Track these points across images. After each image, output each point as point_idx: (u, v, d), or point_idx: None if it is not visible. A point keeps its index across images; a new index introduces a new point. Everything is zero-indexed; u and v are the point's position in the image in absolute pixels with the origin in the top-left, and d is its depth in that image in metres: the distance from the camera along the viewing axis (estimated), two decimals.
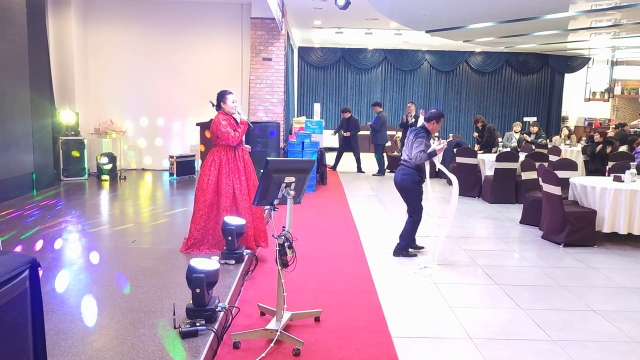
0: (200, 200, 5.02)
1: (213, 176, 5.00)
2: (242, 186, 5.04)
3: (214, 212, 5.03)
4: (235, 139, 5.00)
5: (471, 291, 4.76)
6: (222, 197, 4.99)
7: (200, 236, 5.05)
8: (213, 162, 5.02)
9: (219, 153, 5.05)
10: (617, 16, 9.73)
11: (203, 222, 5.03)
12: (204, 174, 5.03)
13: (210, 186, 4.99)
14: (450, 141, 11.57)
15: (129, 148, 10.66)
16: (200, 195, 5.02)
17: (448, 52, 17.35)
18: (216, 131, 4.99)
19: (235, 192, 5.02)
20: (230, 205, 5.01)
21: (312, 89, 17.60)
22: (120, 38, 10.39)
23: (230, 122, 5.03)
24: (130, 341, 3.21)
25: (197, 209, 5.04)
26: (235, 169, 5.05)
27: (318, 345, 3.49)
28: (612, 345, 3.67)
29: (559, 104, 18.30)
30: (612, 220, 6.14)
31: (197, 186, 5.07)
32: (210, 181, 4.99)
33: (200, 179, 5.05)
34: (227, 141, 4.99)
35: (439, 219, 6.48)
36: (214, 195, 5.01)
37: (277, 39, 10.26)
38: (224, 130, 4.95)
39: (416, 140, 5.33)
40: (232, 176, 5.02)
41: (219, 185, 5.00)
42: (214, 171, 5.00)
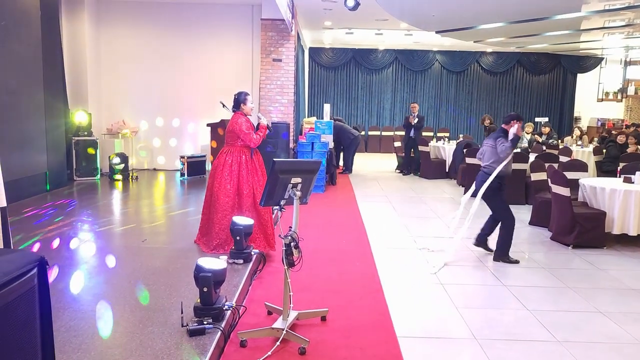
0: (223, 200, 5.01)
1: (234, 177, 5.02)
2: (260, 187, 5.05)
3: (235, 213, 5.03)
4: (257, 141, 5.05)
5: (478, 292, 4.77)
6: (244, 197, 5.03)
7: (225, 236, 5.04)
8: (233, 163, 5.04)
9: (238, 154, 5.06)
10: (630, 16, 9.63)
11: (226, 222, 5.00)
12: (222, 174, 5.01)
13: (234, 187, 5.02)
14: (460, 142, 11.55)
15: (141, 148, 10.79)
16: (223, 196, 5.00)
17: (459, 53, 17.28)
18: (238, 131, 5.01)
19: (256, 192, 5.05)
20: (250, 206, 5.05)
21: (322, 89, 17.64)
22: (133, 39, 10.51)
23: (248, 123, 5.07)
24: (139, 338, 3.27)
25: (220, 210, 5.02)
26: (254, 169, 5.11)
27: (324, 344, 3.53)
28: (618, 347, 3.66)
29: (572, 105, 18.14)
30: (621, 222, 6.10)
31: (219, 187, 5.02)
32: (233, 181, 5.01)
33: (220, 179, 5.02)
34: (249, 142, 5.02)
35: (452, 220, 6.50)
36: (235, 196, 5.04)
37: (287, 39, 10.32)
38: (246, 131, 4.98)
39: (497, 141, 5.50)
40: (251, 177, 5.07)
41: (240, 186, 5.04)
42: (235, 171, 5.02)
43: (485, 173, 5.61)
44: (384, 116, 17.78)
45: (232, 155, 5.08)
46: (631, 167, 7.13)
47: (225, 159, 5.09)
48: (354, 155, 12.17)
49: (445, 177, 11.63)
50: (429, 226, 7.17)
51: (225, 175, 5.04)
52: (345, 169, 12.11)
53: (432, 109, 17.56)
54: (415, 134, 11.69)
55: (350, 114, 17.69)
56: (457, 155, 11.12)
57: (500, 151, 5.42)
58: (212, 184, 5.12)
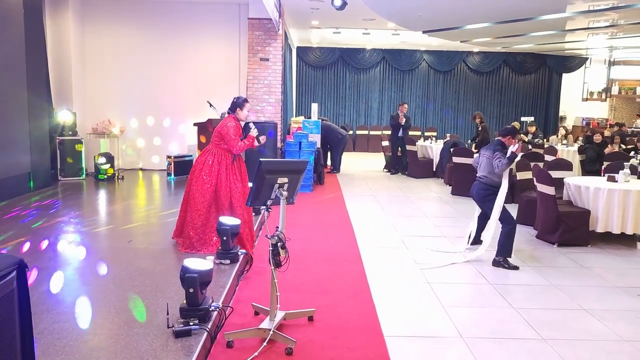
0: (199, 199, 5.01)
1: (213, 178, 5.00)
2: (238, 192, 5.06)
3: (212, 214, 5.04)
4: (240, 149, 5.01)
5: (464, 290, 4.80)
6: (222, 199, 5.02)
7: (197, 236, 5.06)
8: (214, 163, 5.02)
9: (219, 156, 5.05)
10: (614, 16, 9.76)
11: (201, 222, 5.03)
12: (202, 173, 5.01)
13: (212, 186, 5.00)
14: (448, 141, 11.62)
15: (127, 148, 10.69)
16: (199, 196, 5.01)
17: (446, 52, 17.37)
18: (225, 134, 4.98)
19: (232, 195, 5.04)
20: (228, 208, 5.04)
21: (310, 88, 17.63)
22: (118, 38, 10.41)
23: (239, 130, 5.04)
24: (124, 340, 3.24)
25: (194, 208, 5.03)
26: (234, 174, 5.08)
27: (311, 344, 3.53)
28: (602, 344, 3.70)
29: (557, 104, 18.33)
30: (605, 220, 6.18)
31: (196, 186, 5.03)
32: (212, 181, 5.00)
33: (198, 179, 5.02)
34: (232, 148, 5.00)
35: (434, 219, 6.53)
36: (212, 197, 5.03)
37: (275, 39, 10.29)
38: (233, 136, 4.95)
39: (494, 155, 5.47)
40: (230, 182, 5.05)
41: (218, 186, 5.02)
42: (215, 172, 5.01)
43: (482, 183, 5.64)
44: (372, 115, 17.82)
45: (215, 156, 5.06)
46: (615, 166, 7.22)
47: (206, 158, 5.07)
48: (341, 155, 12.18)
49: (433, 176, 11.68)
50: (417, 225, 7.20)
51: (204, 175, 5.02)
52: (333, 168, 12.11)
53: (419, 108, 17.63)
54: (404, 133, 11.75)
55: (338, 113, 17.70)
56: (444, 154, 11.18)
57: (496, 166, 5.39)
58: (190, 182, 5.11)
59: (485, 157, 5.62)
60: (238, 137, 5.00)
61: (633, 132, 15.91)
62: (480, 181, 5.68)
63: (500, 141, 5.59)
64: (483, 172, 5.64)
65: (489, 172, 5.54)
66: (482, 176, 5.65)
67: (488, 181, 5.58)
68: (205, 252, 4.96)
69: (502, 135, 5.62)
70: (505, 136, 5.57)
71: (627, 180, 6.47)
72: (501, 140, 5.59)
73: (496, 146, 5.57)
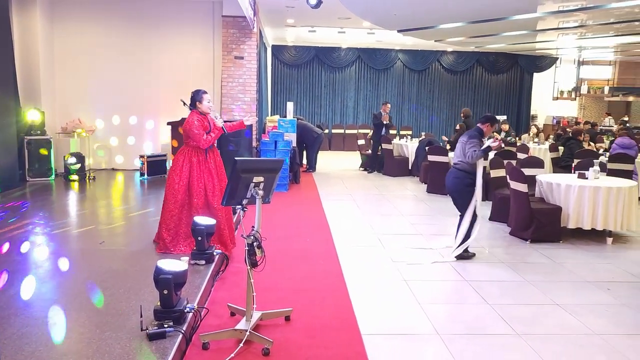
0: (171, 201, 4.98)
1: (184, 176, 4.96)
2: (214, 187, 5.02)
3: (185, 213, 4.99)
4: (207, 142, 4.96)
5: (440, 287, 4.84)
6: (194, 197, 4.96)
7: (170, 237, 5.01)
8: (184, 163, 4.98)
9: (190, 154, 5.01)
10: (583, 17, 9.98)
11: (174, 223, 4.98)
12: (174, 174, 4.98)
13: (182, 187, 4.96)
14: (423, 140, 11.71)
15: (99, 147, 10.47)
16: (171, 196, 4.97)
17: (420, 52, 17.52)
18: (188, 131, 4.94)
19: (207, 192, 5.00)
20: (202, 206, 4.98)
21: (285, 87, 17.57)
22: (89, 35, 10.18)
23: (203, 123, 4.99)
24: (96, 344, 3.16)
25: (167, 209, 5.00)
26: (207, 170, 5.03)
27: (288, 344, 3.50)
28: (574, 338, 3.77)
29: (528, 103, 18.68)
30: (576, 216, 6.31)
31: (168, 186, 5.01)
32: (182, 182, 4.95)
33: (170, 179, 5.00)
34: (198, 143, 4.95)
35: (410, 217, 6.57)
36: (185, 196, 4.98)
37: (249, 37, 10.21)
38: (196, 131, 4.90)
39: (469, 142, 5.45)
40: (204, 177, 5.00)
41: (190, 185, 4.97)
42: (186, 172, 4.97)
43: (457, 169, 5.58)
44: (348, 114, 17.86)
45: (184, 155, 5.02)
46: (585, 163, 7.38)
47: (178, 158, 5.05)
48: (317, 154, 12.17)
49: (408, 174, 11.76)
50: (393, 224, 7.23)
51: (175, 176, 4.98)
52: (308, 167, 12.09)
53: (394, 107, 17.71)
54: (386, 132, 11.82)
55: (314, 112, 17.69)
56: (419, 153, 11.26)
57: (470, 155, 5.38)
58: (165, 184, 5.10)
59: (461, 142, 5.58)
60: (203, 130, 4.95)
61: (601, 130, 16.32)
62: (456, 167, 5.62)
63: (479, 128, 5.58)
64: (458, 158, 5.60)
65: (462, 160, 5.52)
66: (457, 162, 5.61)
67: (463, 167, 5.53)
68: (179, 253, 4.89)
69: (481, 123, 5.61)
70: (485, 123, 5.58)
71: (596, 177, 6.62)
72: (480, 128, 5.58)
73: (474, 132, 5.56)
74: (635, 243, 6.54)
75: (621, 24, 10.30)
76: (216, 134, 5.03)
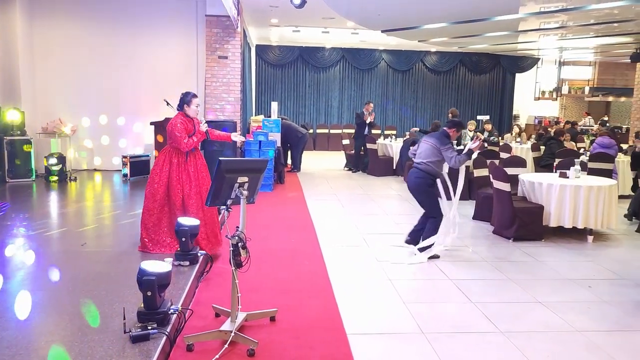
0: (150, 199, 4.98)
1: (164, 176, 4.96)
2: (190, 191, 4.99)
3: (165, 214, 4.98)
4: (188, 146, 4.93)
5: (425, 286, 4.86)
6: (173, 198, 4.97)
7: (149, 237, 5.00)
8: (165, 162, 4.97)
9: (171, 154, 5.00)
10: (564, 18, 10.12)
11: (152, 223, 4.97)
12: (155, 173, 4.98)
13: (162, 186, 4.95)
14: (407, 139, 11.76)
15: (80, 148, 10.33)
16: (150, 195, 4.97)
17: (404, 52, 17.61)
18: (170, 132, 4.93)
19: (184, 196, 4.97)
20: (180, 207, 4.97)
21: (270, 87, 17.52)
22: (70, 34, 10.04)
23: (187, 125, 4.96)
24: (78, 347, 3.11)
25: (146, 208, 4.99)
26: (185, 173, 4.99)
27: (273, 345, 3.49)
28: (556, 335, 3.82)
29: (511, 103, 18.89)
30: (558, 215, 6.39)
31: (148, 184, 5.00)
32: (162, 181, 4.95)
33: (151, 178, 5.00)
34: (179, 146, 4.92)
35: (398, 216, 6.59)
36: (164, 196, 4.97)
37: (233, 36, 10.16)
38: (178, 134, 4.88)
39: (444, 147, 5.47)
40: (181, 180, 4.98)
41: (169, 186, 4.96)
42: (165, 171, 4.96)
43: (420, 170, 5.61)
44: (332, 114, 17.88)
45: (166, 155, 5.02)
46: (566, 162, 7.48)
47: (160, 158, 5.05)
48: (302, 154, 12.16)
49: (393, 174, 11.81)
50: (378, 223, 7.25)
51: (155, 175, 4.98)
52: (293, 167, 12.08)
53: (379, 107, 17.78)
54: (369, 131, 11.85)
55: (298, 112, 17.67)
56: (403, 152, 11.31)
57: (456, 161, 5.39)
58: (147, 182, 5.10)
59: (429, 144, 5.60)
60: (185, 133, 4.92)
61: (582, 129, 16.57)
62: (418, 168, 5.64)
63: (446, 132, 5.62)
64: (423, 159, 5.62)
65: (429, 160, 5.55)
66: (421, 162, 5.63)
67: (426, 168, 5.57)
68: (159, 253, 4.89)
69: (448, 127, 5.66)
70: (452, 128, 5.62)
71: (577, 176, 6.72)
72: (447, 132, 5.62)
73: (442, 136, 5.59)
74: (615, 241, 6.65)
75: (600, 25, 10.48)
76: (199, 138, 5.01)
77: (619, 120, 19.91)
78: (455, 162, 5.43)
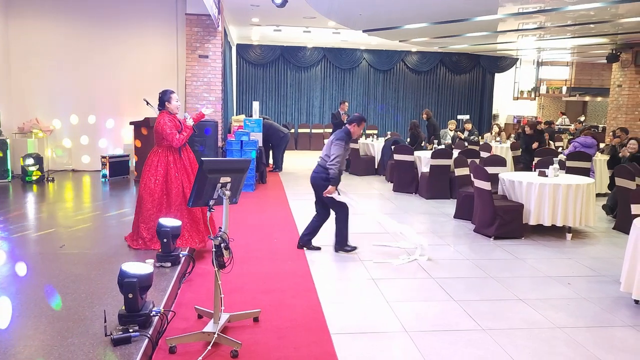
0: (148, 200, 5.02)
1: (160, 176, 5.03)
2: (191, 184, 5.06)
3: (163, 212, 5.03)
4: (180, 141, 5.07)
5: (408, 285, 4.88)
6: (173, 195, 5.04)
7: (149, 235, 5.04)
8: (160, 163, 5.05)
9: (165, 153, 5.08)
10: (542, 19, 10.27)
11: (153, 222, 4.99)
12: (149, 175, 5.03)
13: (158, 186, 5.02)
14: (388, 139, 11.82)
15: (57, 148, 10.15)
16: (147, 196, 5.02)
17: (385, 52, 17.68)
18: (161, 132, 5.01)
19: (185, 189, 5.07)
20: (181, 203, 5.05)
21: (251, 86, 17.44)
22: (46, 32, 9.85)
23: (174, 122, 5.07)
24: (58, 351, 3.05)
25: (145, 208, 5.04)
26: (183, 168, 5.13)
27: (257, 346, 3.47)
28: (537, 332, 3.87)
29: (490, 103, 19.11)
30: (537, 213, 6.48)
31: (144, 187, 5.05)
32: (158, 181, 5.02)
33: (146, 180, 5.04)
34: (172, 142, 5.03)
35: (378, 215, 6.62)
36: (162, 195, 5.04)
37: (214, 35, 10.08)
38: (169, 131, 4.98)
39: (335, 142, 5.48)
40: (180, 175, 5.08)
41: (168, 184, 5.05)
42: (161, 171, 5.04)
43: (318, 165, 5.65)
44: (314, 114, 17.86)
45: (159, 156, 5.09)
46: (545, 161, 7.59)
47: (152, 159, 5.10)
48: (283, 153, 12.12)
49: (375, 173, 11.85)
50: (360, 222, 7.26)
51: (151, 176, 5.04)
52: (275, 167, 12.04)
53: (360, 106, 17.83)
54: None
55: (280, 111, 17.62)
56: (385, 152, 11.36)
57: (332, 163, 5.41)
58: (140, 185, 5.13)
59: (330, 139, 5.64)
60: (175, 130, 5.05)
61: (560, 129, 16.86)
62: (318, 163, 5.68)
63: (347, 129, 5.61)
64: (322, 154, 5.66)
65: (326, 155, 5.58)
66: (320, 157, 5.66)
67: (322, 163, 5.59)
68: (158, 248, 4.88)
69: (349, 123, 5.65)
70: (351, 124, 5.61)
71: (556, 175, 6.82)
72: (348, 129, 5.61)
73: (342, 133, 5.56)
74: (593, 238, 6.77)
75: (577, 26, 10.66)
76: (187, 133, 5.14)
77: (595, 120, 20.29)
78: (332, 163, 5.40)
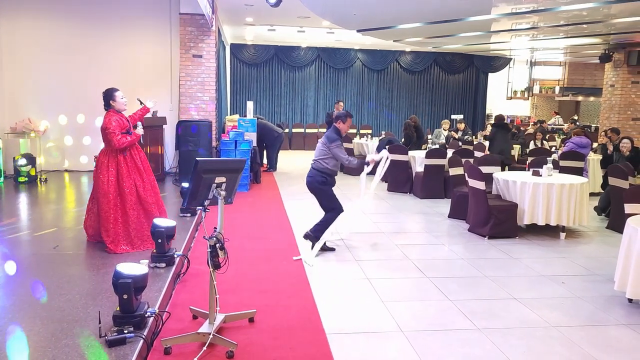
0: (103, 202, 4.96)
1: (112, 176, 4.98)
2: (144, 182, 5.11)
3: (119, 213, 5.00)
4: (120, 143, 4.93)
5: (403, 285, 4.89)
6: (127, 195, 4.99)
7: (109, 238, 4.98)
8: (110, 163, 4.99)
9: (115, 153, 5.01)
10: (535, 19, 10.31)
11: (111, 224, 4.96)
12: (101, 175, 4.97)
13: (112, 187, 4.97)
14: (383, 138, 11.82)
15: (50, 148, 10.07)
16: (103, 198, 4.96)
17: (379, 51, 17.70)
18: (103, 130, 4.94)
19: (138, 189, 5.06)
20: (136, 202, 5.03)
21: (245, 86, 17.41)
22: (38, 32, 9.77)
23: (120, 122, 4.99)
24: (52, 353, 3.03)
25: (102, 210, 4.97)
26: (134, 166, 5.09)
27: (252, 346, 3.46)
28: (531, 331, 3.89)
29: (484, 102, 19.17)
30: (531, 213, 6.50)
31: (96, 188, 5.01)
32: (111, 182, 4.97)
33: (98, 181, 4.99)
34: (112, 141, 4.91)
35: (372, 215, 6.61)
36: (116, 196, 4.99)
37: (208, 35, 10.05)
38: (111, 131, 4.89)
39: (332, 146, 5.47)
40: (132, 174, 5.05)
41: (120, 185, 4.99)
42: (113, 171, 4.98)
43: (313, 169, 5.64)
44: (308, 113, 17.86)
45: (108, 156, 5.02)
46: (539, 161, 7.62)
47: (101, 160, 5.04)
48: (278, 153, 12.11)
49: (369, 173, 11.82)
50: (355, 222, 7.25)
51: (103, 177, 4.98)
52: (269, 167, 12.02)
53: (354, 106, 17.85)
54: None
55: (274, 111, 17.60)
56: (379, 150, 11.34)
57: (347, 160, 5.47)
58: (93, 188, 5.11)
59: (320, 142, 5.64)
60: (119, 130, 4.95)
61: (552, 129, 16.94)
62: (312, 166, 5.68)
63: (336, 128, 5.62)
64: (315, 157, 5.66)
65: (320, 158, 5.58)
66: (314, 160, 5.66)
67: (318, 166, 5.60)
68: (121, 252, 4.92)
69: (335, 121, 5.66)
70: (337, 121, 5.62)
71: (550, 174, 6.85)
72: (336, 127, 5.62)
73: (332, 133, 5.57)
74: (587, 237, 6.81)
75: (570, 26, 10.71)
76: (133, 138, 5.05)
77: (588, 120, 20.41)
78: (348, 162, 5.49)
